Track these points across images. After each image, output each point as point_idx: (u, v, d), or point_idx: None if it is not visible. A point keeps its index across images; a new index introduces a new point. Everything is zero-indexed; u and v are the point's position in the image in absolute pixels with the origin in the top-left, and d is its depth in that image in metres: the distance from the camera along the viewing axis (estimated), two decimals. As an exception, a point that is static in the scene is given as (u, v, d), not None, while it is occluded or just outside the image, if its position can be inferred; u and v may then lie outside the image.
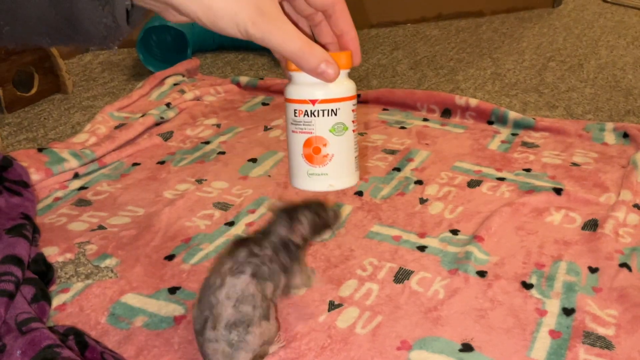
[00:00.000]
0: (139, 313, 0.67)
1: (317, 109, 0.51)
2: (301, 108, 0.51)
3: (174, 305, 0.68)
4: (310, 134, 0.52)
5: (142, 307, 0.68)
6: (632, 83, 1.42)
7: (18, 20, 0.43)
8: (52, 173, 0.93)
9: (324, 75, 0.47)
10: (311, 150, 0.52)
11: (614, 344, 0.63)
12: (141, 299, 0.69)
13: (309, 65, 0.47)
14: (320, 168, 0.53)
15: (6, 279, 0.61)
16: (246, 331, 0.56)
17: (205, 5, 0.43)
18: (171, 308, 0.68)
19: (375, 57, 1.60)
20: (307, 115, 0.51)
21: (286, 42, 0.45)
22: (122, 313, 0.67)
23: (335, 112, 0.51)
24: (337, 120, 0.52)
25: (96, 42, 0.45)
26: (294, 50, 0.46)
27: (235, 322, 0.56)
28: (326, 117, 0.51)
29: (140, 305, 0.68)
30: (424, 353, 0.62)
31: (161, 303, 0.68)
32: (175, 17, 0.47)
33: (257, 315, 0.57)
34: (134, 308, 0.68)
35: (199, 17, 0.44)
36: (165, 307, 0.68)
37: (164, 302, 0.68)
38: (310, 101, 0.51)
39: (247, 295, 0.56)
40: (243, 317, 0.56)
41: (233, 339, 0.56)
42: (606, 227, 0.81)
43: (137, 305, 0.68)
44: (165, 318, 0.66)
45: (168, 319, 0.66)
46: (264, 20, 0.44)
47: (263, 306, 0.57)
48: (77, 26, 0.43)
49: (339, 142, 0.52)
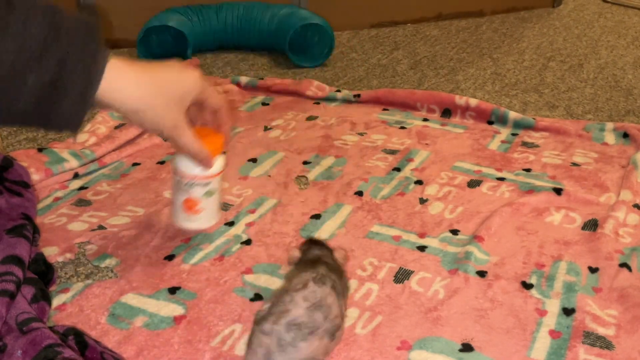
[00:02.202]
0: (139, 313, 0.67)
1: (195, 182, 0.73)
2: (184, 179, 0.73)
3: (174, 305, 0.68)
4: (189, 195, 0.74)
5: (142, 307, 0.68)
6: (632, 83, 1.42)
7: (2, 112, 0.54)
8: (52, 173, 0.93)
9: (205, 166, 0.72)
10: (188, 206, 0.75)
11: (614, 344, 0.63)
12: (141, 299, 0.69)
13: (198, 159, 0.70)
14: (195, 216, 0.76)
15: (7, 278, 0.61)
16: (304, 338, 0.53)
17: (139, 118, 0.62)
18: (171, 308, 0.68)
19: (375, 57, 1.60)
20: (188, 184, 0.73)
21: (188, 144, 0.68)
22: (122, 313, 0.67)
23: (207, 184, 0.73)
24: (207, 189, 0.74)
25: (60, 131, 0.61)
26: (192, 149, 0.68)
27: (300, 325, 0.53)
28: (201, 187, 0.73)
29: (140, 305, 0.68)
30: (424, 353, 0.62)
31: (161, 303, 0.68)
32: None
33: (324, 327, 0.54)
34: (134, 308, 0.68)
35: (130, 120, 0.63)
36: (165, 307, 0.68)
37: (164, 302, 0.68)
38: (191, 176, 0.72)
39: (324, 305, 0.54)
40: (310, 323, 0.53)
41: (285, 339, 0.53)
42: (606, 227, 0.81)
43: (137, 305, 0.68)
44: (165, 318, 0.66)
45: (168, 319, 0.66)
46: (176, 130, 0.66)
47: (335, 322, 0.55)
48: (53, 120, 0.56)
49: (207, 201, 0.75)
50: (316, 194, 0.91)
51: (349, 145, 1.07)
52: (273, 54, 1.58)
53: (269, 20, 1.53)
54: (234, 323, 0.65)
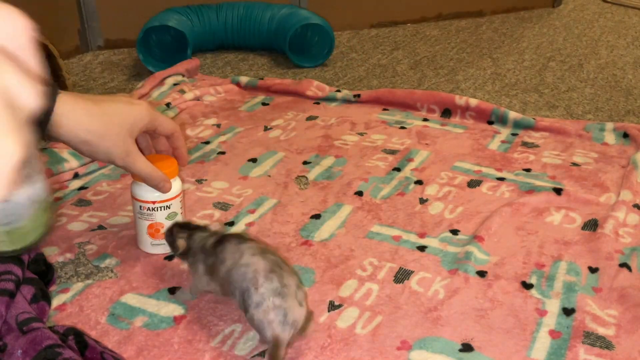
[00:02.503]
0: (138, 313, 0.67)
1: (156, 207, 0.74)
2: (145, 205, 0.74)
3: (174, 305, 0.68)
4: (152, 221, 0.75)
5: (142, 307, 0.68)
6: (632, 83, 1.42)
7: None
8: (52, 173, 0.93)
9: (162, 189, 0.72)
10: (153, 231, 0.75)
11: (614, 344, 0.63)
12: (141, 299, 0.69)
13: (154, 183, 0.71)
14: (160, 241, 0.76)
15: (7, 278, 0.61)
16: (282, 275, 0.59)
17: (90, 149, 0.65)
18: (171, 308, 0.68)
19: (375, 57, 1.60)
20: (149, 210, 0.74)
21: (142, 169, 0.69)
22: (122, 313, 0.67)
23: (168, 207, 0.75)
24: (170, 211, 0.75)
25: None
26: (146, 174, 0.70)
27: (272, 269, 0.59)
28: (162, 211, 0.74)
29: (140, 305, 0.68)
30: (424, 353, 0.62)
31: (161, 303, 0.68)
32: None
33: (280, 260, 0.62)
34: (133, 308, 0.68)
35: (82, 152, 0.66)
36: (165, 307, 0.68)
37: (164, 302, 0.68)
38: (151, 202, 0.73)
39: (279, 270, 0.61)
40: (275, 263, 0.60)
41: (277, 288, 0.58)
42: (606, 227, 0.81)
43: (137, 305, 0.68)
44: (165, 318, 0.66)
45: (168, 319, 0.66)
46: (129, 157, 0.67)
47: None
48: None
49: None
50: (316, 194, 0.91)
51: (349, 145, 1.07)
52: (273, 54, 1.58)
53: (269, 20, 1.53)
54: (234, 323, 0.65)
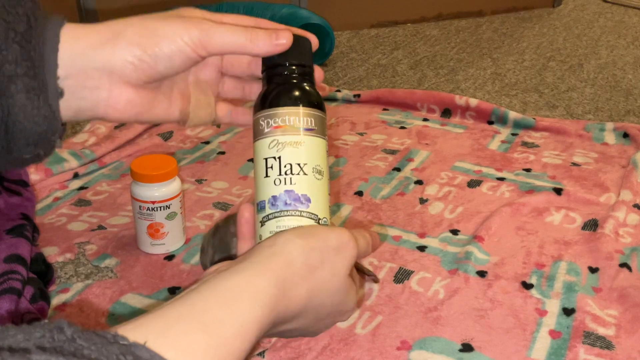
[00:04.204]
0: (139, 313, 0.67)
1: (156, 206, 0.73)
2: (145, 205, 0.73)
3: (174, 305, 0.68)
4: (152, 221, 0.74)
5: (142, 307, 0.68)
6: (632, 83, 1.42)
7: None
8: (51, 173, 0.93)
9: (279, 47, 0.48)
10: (153, 231, 0.75)
11: (614, 344, 0.63)
12: (141, 299, 0.69)
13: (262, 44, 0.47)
14: (159, 241, 0.76)
15: (13, 277, 0.61)
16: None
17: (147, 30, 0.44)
18: (171, 308, 0.68)
19: (375, 57, 1.60)
20: (149, 210, 0.73)
21: (234, 32, 0.46)
22: (122, 313, 0.67)
23: (168, 207, 0.74)
24: (169, 211, 0.74)
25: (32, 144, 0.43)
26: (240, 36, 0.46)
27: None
28: (162, 211, 0.74)
29: (140, 306, 0.68)
30: (424, 353, 0.62)
31: (161, 303, 0.68)
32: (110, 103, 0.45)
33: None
34: (134, 308, 0.68)
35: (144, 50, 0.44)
36: (165, 307, 0.68)
37: (164, 302, 0.68)
38: (150, 202, 0.73)
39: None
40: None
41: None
42: (606, 227, 0.81)
43: (137, 306, 0.68)
44: (165, 318, 0.66)
45: (168, 319, 0.66)
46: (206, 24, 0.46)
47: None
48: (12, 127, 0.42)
49: (171, 224, 0.76)
50: (316, 194, 0.91)
51: (349, 145, 1.07)
52: (273, 54, 1.58)
53: (269, 20, 1.53)
54: (233, 323, 0.65)
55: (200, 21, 0.46)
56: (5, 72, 0.40)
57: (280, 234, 0.44)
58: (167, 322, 0.35)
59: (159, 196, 0.73)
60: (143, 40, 0.44)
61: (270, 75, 0.50)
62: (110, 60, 0.44)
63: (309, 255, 0.43)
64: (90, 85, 0.44)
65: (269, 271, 0.40)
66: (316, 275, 0.43)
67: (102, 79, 0.44)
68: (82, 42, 0.43)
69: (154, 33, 0.44)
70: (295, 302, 0.42)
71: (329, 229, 0.46)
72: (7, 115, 0.41)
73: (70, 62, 0.43)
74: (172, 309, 0.36)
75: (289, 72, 0.49)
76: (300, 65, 0.50)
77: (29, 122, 0.42)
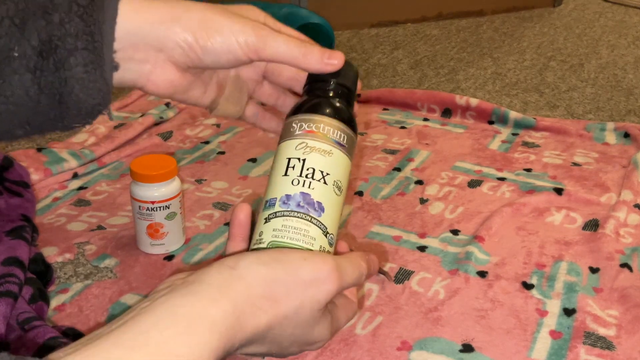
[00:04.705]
0: (138, 313, 0.67)
1: (155, 206, 0.73)
2: (144, 205, 0.73)
3: (174, 305, 0.68)
4: (152, 221, 0.74)
5: (142, 307, 0.68)
6: (633, 83, 1.42)
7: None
8: (51, 173, 0.93)
9: (330, 67, 0.49)
10: (152, 231, 0.75)
11: (614, 345, 0.63)
12: (140, 299, 0.69)
13: (315, 60, 0.48)
14: (159, 241, 0.76)
15: (11, 280, 0.61)
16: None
17: (205, 20, 0.45)
18: (170, 308, 0.67)
19: (375, 56, 1.59)
20: (149, 210, 0.73)
21: (289, 44, 0.47)
22: (122, 313, 0.67)
23: (167, 207, 0.74)
24: (169, 212, 0.74)
25: (83, 115, 0.44)
26: (295, 49, 0.47)
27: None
28: (162, 211, 0.74)
29: (139, 306, 0.68)
30: (424, 354, 0.61)
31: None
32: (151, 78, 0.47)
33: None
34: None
35: (196, 39, 0.45)
36: (164, 308, 0.67)
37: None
38: (150, 202, 0.73)
39: None
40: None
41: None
42: (607, 227, 0.81)
43: (137, 306, 0.68)
44: (164, 318, 0.66)
45: (167, 320, 0.66)
46: (264, 30, 0.46)
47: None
48: (66, 98, 0.42)
49: (170, 224, 0.75)
50: (316, 194, 0.91)
51: (349, 145, 1.06)
52: (273, 54, 1.58)
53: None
54: (233, 323, 0.65)
55: (258, 26, 0.46)
56: (66, 45, 0.41)
57: (245, 256, 0.42)
58: (118, 355, 0.33)
59: (159, 196, 0.73)
60: (198, 30, 0.45)
61: (313, 88, 0.50)
62: (162, 39, 0.45)
63: (271, 287, 0.40)
64: (138, 57, 0.45)
65: (227, 299, 0.38)
66: (278, 309, 0.41)
67: (150, 53, 0.45)
68: (141, 17, 0.44)
69: (211, 25, 0.45)
70: (252, 331, 0.39)
71: (306, 258, 0.42)
72: (64, 86, 0.42)
73: (125, 35, 0.44)
74: (124, 336, 0.34)
75: (332, 89, 0.50)
76: (344, 87, 0.50)
77: (85, 94, 0.43)
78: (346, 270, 0.45)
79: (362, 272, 0.47)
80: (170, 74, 0.47)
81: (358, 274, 0.46)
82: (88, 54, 0.42)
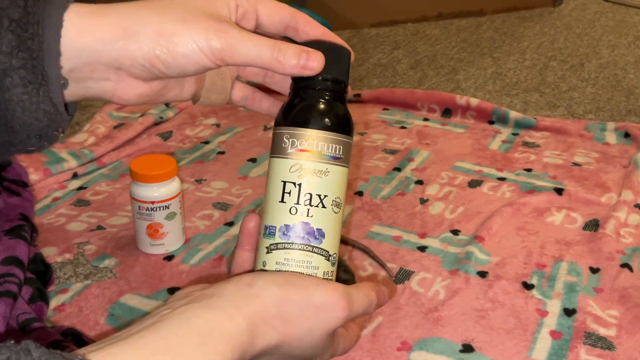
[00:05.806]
0: (138, 314, 0.67)
1: (155, 206, 0.73)
2: (144, 205, 0.73)
3: (173, 305, 0.68)
4: (151, 221, 0.74)
5: (141, 307, 0.68)
6: (634, 82, 1.42)
7: None
8: (51, 173, 0.92)
9: (307, 69, 0.44)
10: (152, 231, 0.75)
11: (615, 345, 0.63)
12: (140, 299, 0.69)
13: (290, 65, 0.43)
14: (159, 241, 0.76)
15: (10, 280, 0.61)
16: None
17: (162, 33, 0.40)
18: (170, 309, 0.67)
19: (375, 56, 1.59)
20: (149, 210, 0.73)
21: (259, 47, 0.42)
22: (121, 314, 0.67)
23: (167, 207, 0.74)
24: (169, 212, 0.74)
25: (36, 137, 0.41)
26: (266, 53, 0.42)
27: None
28: (161, 211, 0.74)
29: (139, 306, 0.68)
30: (425, 354, 0.61)
31: (160, 304, 0.68)
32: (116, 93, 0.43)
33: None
34: (133, 309, 0.67)
35: (156, 55, 0.40)
36: (164, 308, 0.67)
37: (164, 303, 0.68)
38: (150, 202, 0.73)
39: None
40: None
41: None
42: (607, 227, 0.81)
43: (136, 306, 0.68)
44: (164, 319, 0.66)
45: (167, 320, 0.66)
46: (229, 34, 0.41)
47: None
48: (11, 122, 0.39)
49: (170, 224, 0.75)
50: (316, 194, 0.91)
51: (349, 145, 1.06)
52: (273, 54, 1.58)
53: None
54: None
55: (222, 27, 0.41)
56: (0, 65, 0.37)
57: (261, 275, 0.42)
58: (139, 355, 0.34)
59: (159, 196, 0.73)
60: (157, 45, 0.40)
61: (300, 87, 0.46)
62: (119, 58, 0.40)
63: (286, 308, 0.41)
64: (96, 76, 0.41)
65: (243, 316, 0.39)
66: (290, 329, 0.42)
67: (110, 72, 0.41)
68: (91, 34, 0.40)
69: (169, 38, 0.40)
70: (263, 346, 0.41)
71: (318, 284, 0.43)
72: (5, 110, 0.38)
73: (76, 54, 0.40)
74: (144, 340, 0.36)
75: (321, 88, 0.45)
76: (335, 82, 0.46)
77: (29, 117, 0.39)
78: (356, 299, 0.45)
79: (372, 302, 0.47)
80: (136, 88, 0.43)
81: (368, 303, 0.46)
82: (26, 73, 0.38)
